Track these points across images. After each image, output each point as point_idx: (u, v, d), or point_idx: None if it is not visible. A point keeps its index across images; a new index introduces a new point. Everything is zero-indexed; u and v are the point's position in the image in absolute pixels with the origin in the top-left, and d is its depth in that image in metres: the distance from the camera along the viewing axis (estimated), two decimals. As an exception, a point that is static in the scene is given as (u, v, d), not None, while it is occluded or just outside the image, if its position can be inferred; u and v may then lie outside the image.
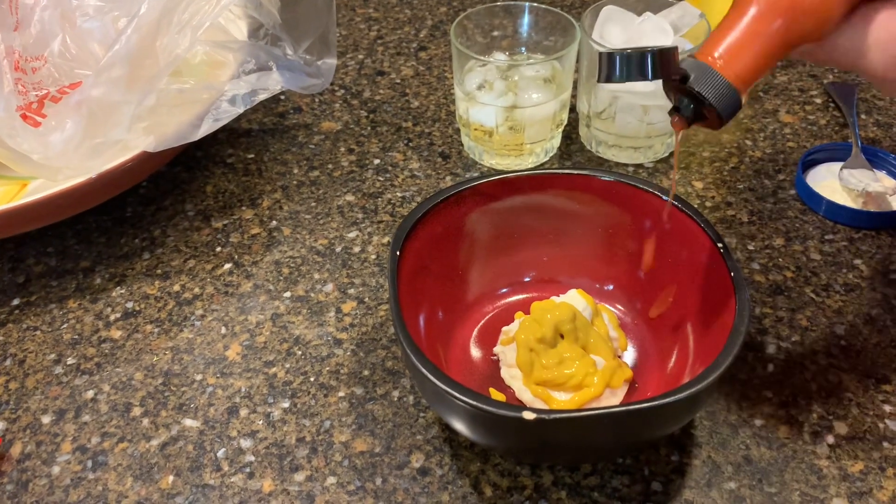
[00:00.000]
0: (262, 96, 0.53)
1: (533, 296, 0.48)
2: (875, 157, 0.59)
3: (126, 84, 0.47)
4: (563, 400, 0.41)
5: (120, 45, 0.46)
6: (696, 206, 0.57)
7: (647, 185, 0.44)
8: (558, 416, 0.33)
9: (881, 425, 0.43)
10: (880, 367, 0.46)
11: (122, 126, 0.47)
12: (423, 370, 0.35)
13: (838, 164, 0.59)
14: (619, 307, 0.47)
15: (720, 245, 0.40)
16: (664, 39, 0.57)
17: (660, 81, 0.36)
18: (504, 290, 0.48)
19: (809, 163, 0.59)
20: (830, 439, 0.42)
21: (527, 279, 0.49)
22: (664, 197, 0.43)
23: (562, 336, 0.42)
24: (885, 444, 0.42)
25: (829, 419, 0.43)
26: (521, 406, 0.33)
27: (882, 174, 0.58)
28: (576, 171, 0.46)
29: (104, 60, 0.46)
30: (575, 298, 0.45)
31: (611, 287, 0.48)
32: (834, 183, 0.58)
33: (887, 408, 0.43)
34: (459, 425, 0.36)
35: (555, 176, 0.46)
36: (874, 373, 0.45)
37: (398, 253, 0.41)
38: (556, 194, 0.46)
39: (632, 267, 0.47)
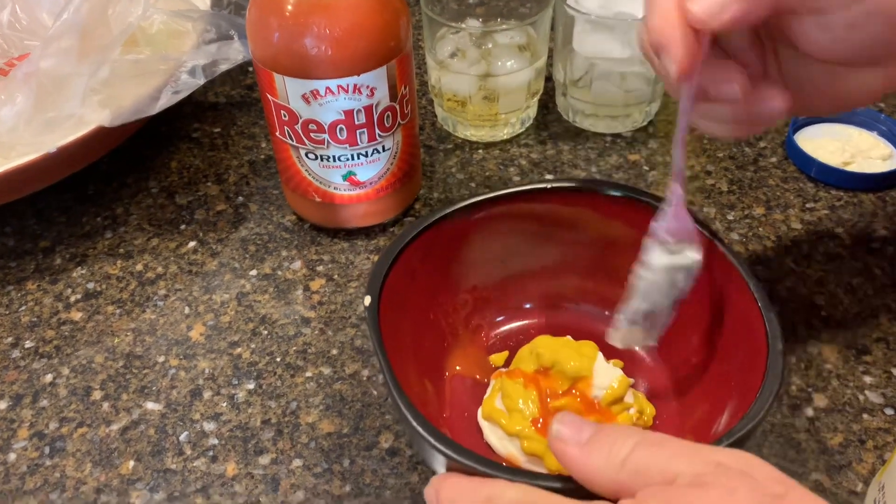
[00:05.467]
0: (224, 67, 0.51)
1: (532, 322, 0.43)
2: (869, 118, 0.57)
3: (77, 55, 0.45)
4: None
5: (69, 13, 0.44)
6: (675, 175, 0.55)
7: (658, 201, 0.38)
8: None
9: (861, 397, 0.41)
10: (861, 337, 0.44)
11: (74, 99, 0.45)
12: (426, 434, 0.30)
13: (828, 125, 0.58)
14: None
15: (752, 284, 0.35)
16: (638, 5, 0.55)
17: (636, 48, 0.33)
18: (500, 318, 0.44)
19: (799, 125, 0.58)
20: (809, 412, 0.41)
21: (527, 306, 0.44)
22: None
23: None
24: (866, 416, 0.41)
25: (809, 391, 0.42)
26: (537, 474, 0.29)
27: (873, 135, 0.57)
28: (580, 185, 0.40)
29: (52, 30, 0.44)
30: (606, 373, 0.37)
31: None
32: (825, 142, 0.56)
33: (868, 379, 0.42)
34: None
35: (556, 191, 0.40)
36: (855, 344, 0.44)
37: (378, 295, 0.36)
38: (558, 211, 0.41)
39: None
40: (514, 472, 0.28)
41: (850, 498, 0.37)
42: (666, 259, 0.35)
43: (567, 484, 0.27)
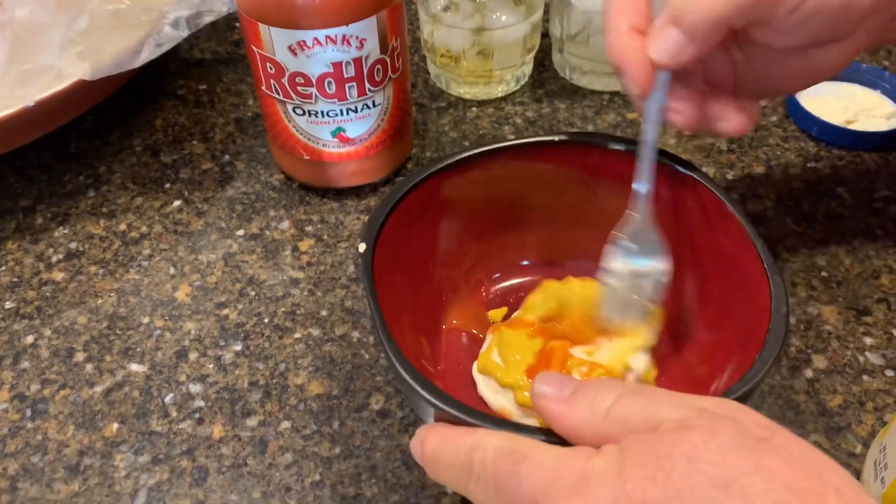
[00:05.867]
0: (208, 19, 0.49)
1: (534, 279, 0.42)
2: (873, 76, 0.56)
3: (54, 3, 0.43)
4: None
5: (43, -41, 0.42)
6: (674, 133, 0.54)
7: (666, 157, 0.37)
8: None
9: (861, 358, 0.41)
10: (862, 298, 0.44)
11: (52, 51, 0.44)
12: (411, 380, 0.29)
13: (831, 83, 0.56)
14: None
15: (759, 246, 0.33)
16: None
17: None
18: (501, 273, 0.42)
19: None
20: (809, 373, 0.40)
21: (525, 263, 0.43)
22: (680, 168, 0.37)
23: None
24: (866, 378, 0.40)
25: (808, 352, 0.41)
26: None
27: (877, 93, 0.55)
28: (586, 139, 0.39)
29: (27, -24, 0.42)
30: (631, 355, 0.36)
31: None
32: (828, 100, 0.55)
33: (868, 340, 0.41)
34: None
35: (563, 144, 0.39)
36: (855, 305, 0.43)
37: (373, 248, 0.34)
38: (564, 166, 0.39)
39: None
40: (499, 423, 0.28)
41: (849, 460, 0.36)
42: (629, 266, 0.35)
43: (551, 437, 0.27)
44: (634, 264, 0.35)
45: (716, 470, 0.22)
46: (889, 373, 0.40)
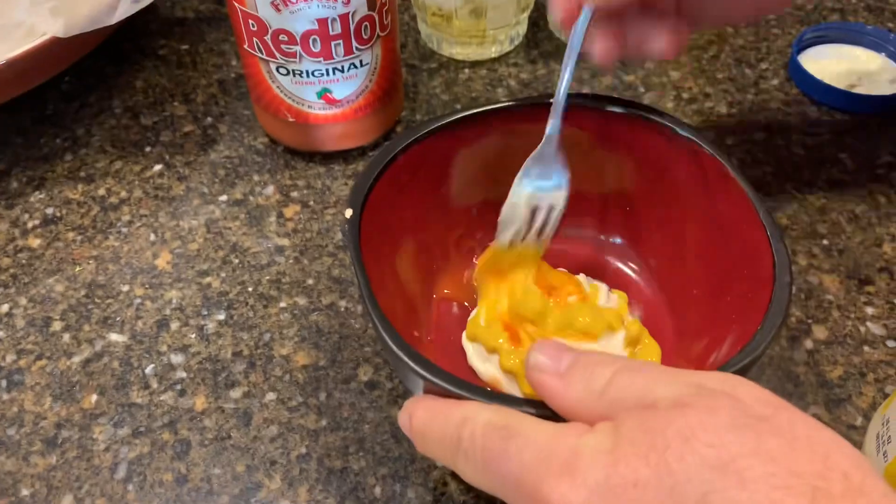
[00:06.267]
0: (188, -27, 0.47)
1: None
2: (878, 39, 0.54)
3: (22, -45, 0.40)
4: None
5: None
6: (672, 97, 0.52)
7: (664, 119, 0.36)
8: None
9: (862, 328, 0.40)
10: (864, 267, 0.42)
11: (21, 5, 0.41)
12: (399, 351, 0.28)
13: (834, 46, 0.54)
14: (631, 265, 0.40)
15: (762, 212, 0.32)
16: None
17: None
18: (489, 242, 0.40)
19: (804, 45, 0.55)
20: (809, 344, 0.39)
21: None
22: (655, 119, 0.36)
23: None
24: (867, 349, 0.39)
25: (808, 323, 0.40)
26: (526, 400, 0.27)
27: (881, 56, 0.54)
28: (583, 101, 0.37)
29: (-7, -75, 0.39)
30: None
31: (619, 240, 0.40)
32: (830, 63, 0.53)
33: (870, 310, 0.40)
34: None
35: (550, 108, 0.36)
36: (857, 273, 0.42)
37: (360, 215, 0.33)
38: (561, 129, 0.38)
39: (645, 215, 0.39)
40: (489, 395, 0.26)
41: (849, 432, 0.36)
42: (528, 189, 0.35)
43: (543, 410, 0.25)
44: (533, 187, 0.35)
45: (712, 451, 0.20)
46: (891, 343, 0.39)
